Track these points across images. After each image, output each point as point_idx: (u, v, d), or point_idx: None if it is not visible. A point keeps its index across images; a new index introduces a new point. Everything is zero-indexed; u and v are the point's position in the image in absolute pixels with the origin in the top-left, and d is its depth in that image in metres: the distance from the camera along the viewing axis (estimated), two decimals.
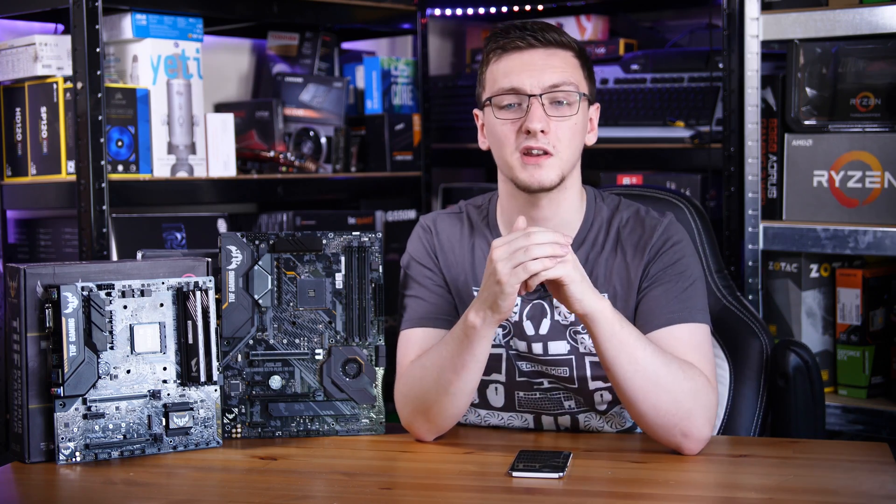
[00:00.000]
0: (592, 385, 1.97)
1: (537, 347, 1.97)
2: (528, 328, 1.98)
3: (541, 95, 1.89)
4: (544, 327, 1.97)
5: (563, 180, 1.92)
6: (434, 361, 1.89)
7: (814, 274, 2.77)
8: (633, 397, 1.81)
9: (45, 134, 2.63)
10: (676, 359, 1.84)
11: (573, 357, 1.96)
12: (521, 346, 1.98)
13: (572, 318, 1.96)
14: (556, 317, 1.97)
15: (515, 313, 1.98)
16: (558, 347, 1.97)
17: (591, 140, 2.00)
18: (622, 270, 1.96)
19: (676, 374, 1.81)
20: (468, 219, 2.07)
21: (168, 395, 1.91)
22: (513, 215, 1.99)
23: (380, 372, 2.02)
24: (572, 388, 1.98)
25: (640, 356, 1.79)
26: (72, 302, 1.83)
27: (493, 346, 1.99)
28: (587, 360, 1.96)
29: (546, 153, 1.89)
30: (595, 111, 2.00)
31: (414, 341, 1.98)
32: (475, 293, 2.00)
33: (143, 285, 1.89)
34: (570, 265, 1.77)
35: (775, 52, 2.85)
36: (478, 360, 1.86)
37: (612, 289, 1.96)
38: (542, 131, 1.88)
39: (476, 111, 2.03)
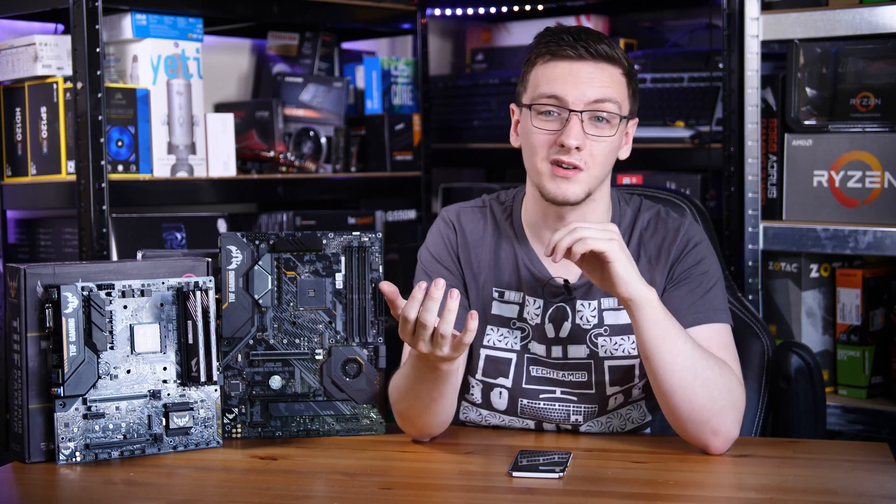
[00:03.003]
0: (610, 390, 1.97)
1: (556, 351, 1.97)
2: (549, 331, 1.97)
3: (581, 112, 1.86)
4: (565, 330, 1.96)
5: (590, 195, 1.91)
6: (410, 386, 1.89)
7: (814, 274, 2.77)
8: (671, 390, 1.80)
9: (45, 134, 2.63)
10: (713, 355, 1.84)
11: (592, 362, 1.96)
12: (540, 349, 1.98)
13: (594, 322, 1.96)
14: (578, 321, 1.96)
15: (538, 315, 1.97)
16: (578, 351, 1.96)
17: (624, 154, 1.97)
18: (646, 273, 1.94)
19: (713, 369, 1.81)
20: (492, 214, 2.05)
21: (168, 395, 1.91)
22: (538, 220, 1.98)
23: (380, 372, 2.02)
24: (588, 394, 1.97)
25: (682, 348, 1.78)
26: (72, 302, 1.83)
27: (504, 350, 1.98)
28: (606, 364, 1.96)
29: (577, 168, 1.87)
30: (633, 126, 1.97)
31: None
32: (496, 295, 1.99)
33: (143, 285, 1.89)
34: (616, 243, 1.76)
35: (775, 52, 2.85)
36: (453, 385, 1.86)
37: None
38: (578, 148, 1.86)
39: (513, 106, 2.00)
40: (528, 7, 3.46)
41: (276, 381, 2.01)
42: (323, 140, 3.15)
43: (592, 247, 1.74)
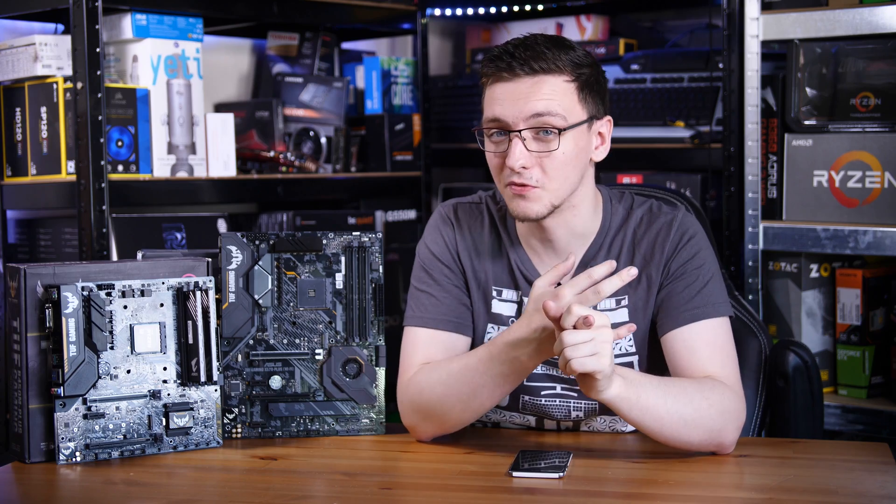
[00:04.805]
0: None
1: None
2: None
3: (521, 131, 1.84)
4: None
5: (559, 206, 1.89)
6: (464, 382, 1.86)
7: (814, 274, 2.77)
8: (667, 441, 1.82)
9: (45, 134, 2.63)
10: (697, 387, 1.82)
11: None
12: None
13: None
14: None
15: None
16: None
17: (599, 156, 1.94)
18: (641, 270, 1.94)
19: (700, 406, 1.81)
20: (488, 212, 2.03)
21: (168, 395, 1.91)
22: (523, 230, 1.98)
23: (380, 372, 2.02)
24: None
25: (664, 412, 1.78)
26: (72, 302, 1.83)
27: None
28: None
29: (530, 186, 1.86)
30: (605, 125, 1.95)
31: (422, 341, 1.96)
32: (495, 293, 1.99)
33: (143, 285, 1.89)
34: (606, 360, 1.70)
35: (775, 52, 2.85)
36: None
37: (631, 291, 1.95)
38: (524, 167, 1.85)
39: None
40: (528, 7, 3.46)
41: (276, 381, 2.01)
42: (323, 140, 3.16)
43: (580, 371, 1.70)
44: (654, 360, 1.96)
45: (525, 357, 1.81)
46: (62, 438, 1.84)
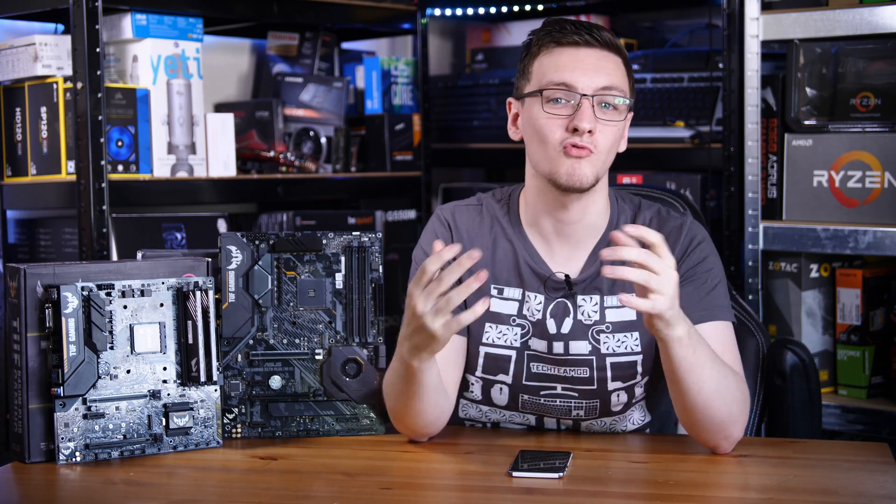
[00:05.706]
0: (612, 386, 1.96)
1: (558, 347, 1.96)
2: (551, 326, 1.96)
3: (592, 96, 1.88)
4: (566, 326, 1.96)
5: (597, 183, 1.92)
6: (393, 382, 1.88)
7: (814, 274, 2.77)
8: (692, 408, 1.81)
9: (45, 134, 2.63)
10: (731, 369, 1.84)
11: (594, 358, 1.96)
12: (541, 345, 1.97)
13: (595, 318, 1.96)
14: (579, 316, 1.96)
15: (539, 311, 1.97)
16: (579, 347, 1.96)
17: (622, 147, 1.98)
18: None
19: (731, 384, 1.81)
20: (488, 211, 2.04)
21: (168, 395, 1.91)
22: (539, 213, 1.98)
23: (380, 372, 2.02)
24: (590, 390, 1.97)
25: (709, 374, 1.78)
26: (72, 302, 1.83)
27: (503, 347, 1.98)
28: (608, 360, 1.96)
29: (588, 149, 1.88)
30: (629, 119, 1.98)
31: None
32: (494, 291, 1.99)
33: (143, 285, 1.89)
34: (668, 299, 1.69)
35: (775, 52, 2.85)
36: (429, 387, 1.84)
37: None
38: (590, 132, 1.87)
39: (511, 100, 2.00)
40: (528, 7, 3.46)
41: (276, 381, 2.01)
42: (323, 140, 3.16)
43: (659, 309, 1.68)
44: (657, 361, 1.96)
45: (405, 350, 1.79)
46: (62, 438, 1.84)
